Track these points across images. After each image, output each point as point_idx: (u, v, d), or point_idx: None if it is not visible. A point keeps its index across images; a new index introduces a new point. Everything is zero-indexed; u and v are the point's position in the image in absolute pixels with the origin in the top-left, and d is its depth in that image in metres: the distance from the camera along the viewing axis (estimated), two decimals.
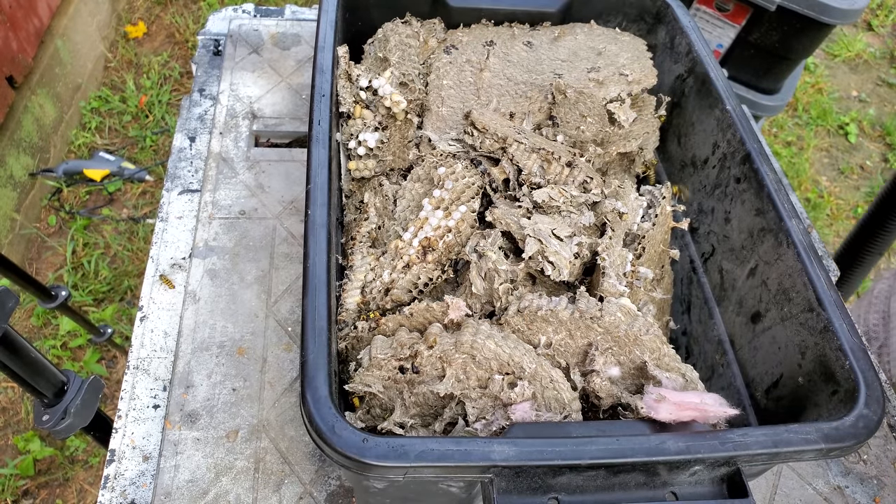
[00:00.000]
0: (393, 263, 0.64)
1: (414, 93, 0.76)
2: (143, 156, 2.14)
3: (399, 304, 0.64)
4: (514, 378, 0.55)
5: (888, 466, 0.74)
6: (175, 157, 0.94)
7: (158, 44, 2.50)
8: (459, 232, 0.66)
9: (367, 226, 0.69)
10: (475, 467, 0.45)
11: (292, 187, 0.92)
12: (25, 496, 1.50)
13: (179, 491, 0.65)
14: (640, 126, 0.79)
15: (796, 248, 0.60)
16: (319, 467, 0.68)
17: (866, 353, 0.53)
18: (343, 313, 0.63)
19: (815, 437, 0.48)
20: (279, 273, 0.83)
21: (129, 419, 0.70)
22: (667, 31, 0.86)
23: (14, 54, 1.84)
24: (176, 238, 0.85)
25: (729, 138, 0.71)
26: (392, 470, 0.45)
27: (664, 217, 0.72)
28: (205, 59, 1.08)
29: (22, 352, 0.86)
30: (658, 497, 0.49)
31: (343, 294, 0.64)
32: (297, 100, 1.04)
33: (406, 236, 0.65)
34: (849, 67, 2.80)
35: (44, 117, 2.00)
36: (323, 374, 0.48)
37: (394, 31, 0.82)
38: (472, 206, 0.67)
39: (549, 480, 0.47)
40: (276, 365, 0.75)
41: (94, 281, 1.83)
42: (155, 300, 0.79)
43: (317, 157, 0.62)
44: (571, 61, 0.82)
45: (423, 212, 0.66)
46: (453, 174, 0.68)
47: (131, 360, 0.74)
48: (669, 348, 0.59)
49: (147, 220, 1.98)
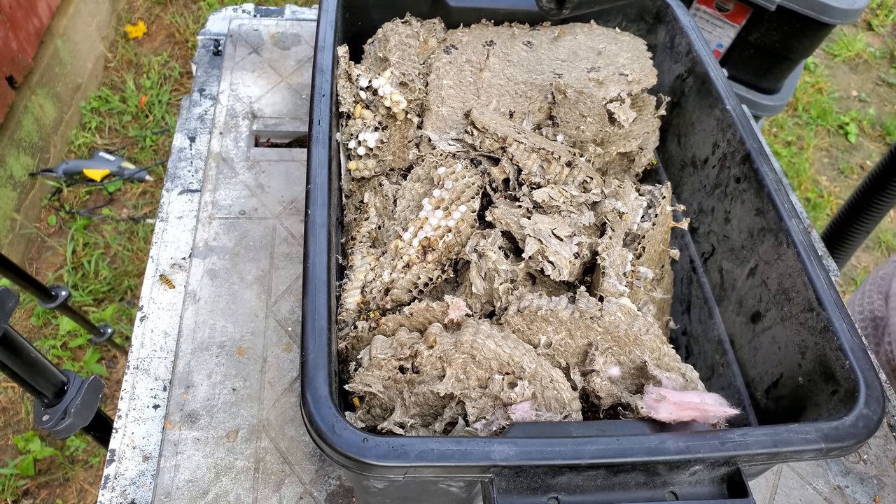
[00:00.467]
0: (393, 263, 0.64)
1: (414, 93, 0.76)
2: (143, 156, 2.14)
3: (399, 303, 0.64)
4: (514, 378, 0.55)
5: (888, 466, 0.74)
6: (175, 157, 0.94)
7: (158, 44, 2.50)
8: (459, 232, 0.66)
9: (367, 226, 0.69)
10: (475, 467, 0.45)
11: (292, 187, 0.92)
12: (26, 496, 1.50)
13: (179, 491, 0.65)
14: (640, 126, 0.79)
15: (796, 248, 0.60)
16: (319, 467, 0.68)
17: (866, 352, 0.53)
18: (343, 313, 0.63)
19: (815, 437, 0.48)
20: (279, 273, 0.83)
21: (129, 419, 0.70)
22: (667, 31, 0.86)
23: (14, 54, 1.84)
24: (176, 238, 0.85)
25: (729, 138, 0.71)
26: (392, 470, 0.45)
27: (664, 217, 0.72)
28: (205, 59, 1.08)
29: (22, 352, 0.86)
30: (658, 497, 0.49)
31: (343, 294, 0.64)
32: (297, 100, 1.04)
33: (406, 236, 0.65)
34: (849, 67, 2.80)
35: (44, 117, 2.00)
36: (323, 374, 0.48)
37: (394, 30, 0.82)
38: (472, 205, 0.67)
39: (550, 480, 0.47)
40: (276, 365, 0.75)
41: (94, 281, 1.83)
42: (155, 300, 0.79)
43: (317, 157, 0.62)
44: (571, 61, 0.82)
45: (423, 212, 0.66)
46: (453, 174, 0.68)
47: (131, 360, 0.74)
48: (669, 348, 0.59)
49: (147, 220, 1.98)
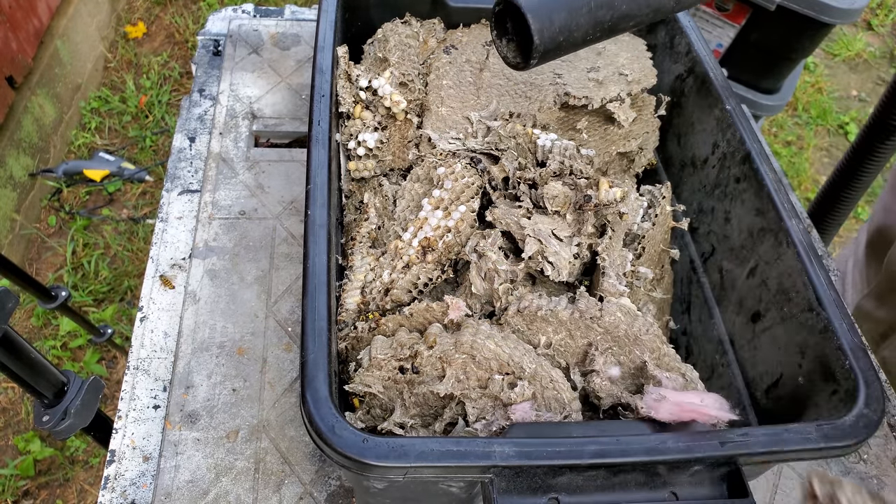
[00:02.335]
0: (393, 264, 0.64)
1: (414, 93, 0.76)
2: (142, 156, 2.14)
3: (399, 304, 0.64)
4: (513, 378, 0.55)
5: (888, 466, 0.74)
6: (175, 158, 0.94)
7: (158, 44, 2.50)
8: (459, 232, 0.66)
9: (367, 226, 0.69)
10: (475, 467, 0.45)
11: (292, 187, 0.92)
12: (26, 496, 1.50)
13: (180, 491, 0.65)
14: (639, 126, 0.79)
15: (796, 248, 0.60)
16: (320, 468, 0.68)
17: (866, 352, 0.53)
18: (343, 314, 0.63)
19: (815, 437, 0.48)
20: (279, 273, 0.83)
21: (129, 419, 0.70)
22: (666, 31, 0.86)
23: (14, 54, 1.84)
24: (176, 238, 0.85)
25: (729, 138, 0.71)
26: (392, 470, 0.45)
27: (664, 217, 0.72)
28: (204, 60, 1.08)
29: (22, 352, 0.86)
30: (658, 497, 0.49)
31: (343, 294, 0.64)
32: (297, 100, 1.04)
33: (406, 236, 0.65)
34: (849, 67, 2.80)
35: (44, 117, 2.00)
36: (323, 374, 0.48)
37: (393, 31, 0.82)
38: (471, 205, 0.67)
39: (550, 480, 0.47)
40: (276, 365, 0.75)
41: (93, 281, 1.83)
42: (155, 300, 0.79)
43: (317, 158, 0.62)
44: (571, 61, 0.82)
45: (422, 212, 0.66)
46: (452, 174, 0.68)
47: (131, 361, 0.74)
48: (669, 348, 0.59)
49: (147, 220, 1.98)
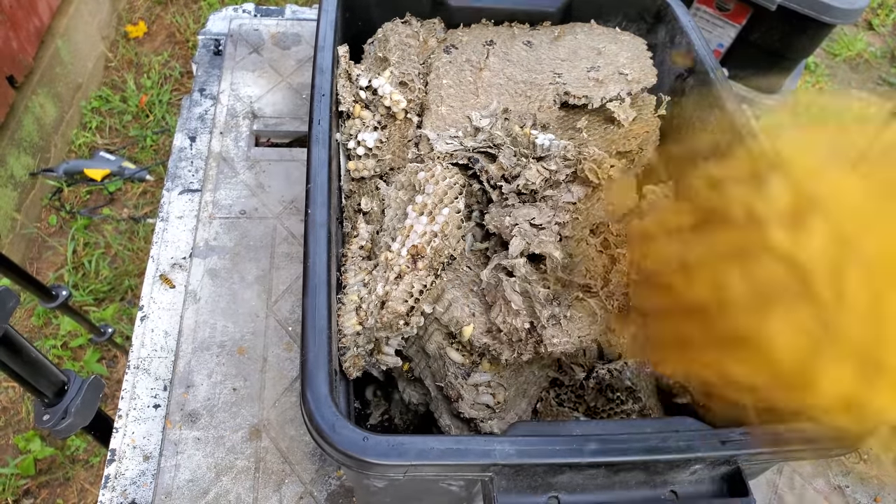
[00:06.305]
0: (385, 276, 0.63)
1: (414, 92, 0.76)
2: (143, 155, 2.14)
3: (397, 315, 0.63)
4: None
5: (888, 466, 0.74)
6: (175, 157, 0.94)
7: (159, 43, 2.50)
8: (446, 235, 0.65)
9: (357, 242, 0.68)
10: (475, 465, 0.45)
11: (292, 187, 0.92)
12: (26, 496, 1.50)
13: (180, 490, 0.65)
14: (639, 125, 0.79)
15: None
16: (320, 467, 0.68)
17: None
18: (343, 339, 0.61)
19: (815, 437, 0.48)
20: (279, 273, 0.83)
21: (129, 419, 0.70)
22: (667, 31, 0.86)
23: (14, 54, 1.84)
24: (176, 238, 0.85)
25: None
26: (392, 468, 0.45)
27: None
28: (205, 59, 1.08)
29: (22, 351, 0.86)
30: (658, 496, 0.49)
31: (339, 319, 0.62)
32: (298, 99, 1.04)
33: (395, 246, 0.64)
34: (849, 67, 2.80)
35: (44, 117, 2.00)
36: (323, 372, 0.48)
37: (394, 30, 0.82)
38: (455, 206, 0.66)
39: (550, 479, 0.47)
40: (277, 364, 0.75)
41: (94, 281, 1.83)
42: (155, 300, 0.79)
43: (317, 157, 0.62)
44: (571, 60, 0.82)
45: (408, 219, 0.65)
46: (433, 177, 0.66)
47: (132, 360, 0.74)
48: None
49: (147, 219, 1.97)
